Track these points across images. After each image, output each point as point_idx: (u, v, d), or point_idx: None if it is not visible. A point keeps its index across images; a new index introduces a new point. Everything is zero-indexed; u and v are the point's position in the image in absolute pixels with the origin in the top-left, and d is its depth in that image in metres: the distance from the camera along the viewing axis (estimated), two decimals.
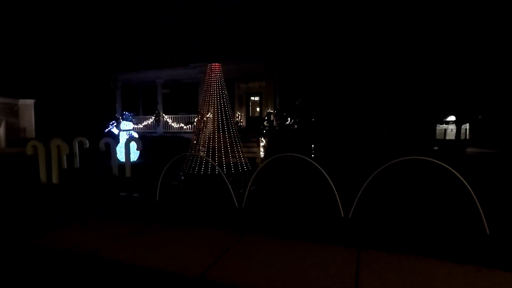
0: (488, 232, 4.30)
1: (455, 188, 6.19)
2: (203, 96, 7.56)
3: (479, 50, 11.49)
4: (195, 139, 7.43)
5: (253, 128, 15.41)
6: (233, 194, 6.03)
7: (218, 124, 7.27)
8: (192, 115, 16.06)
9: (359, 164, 8.88)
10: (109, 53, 25.17)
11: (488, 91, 13.65)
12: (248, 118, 18.35)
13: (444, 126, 26.17)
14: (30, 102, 24.12)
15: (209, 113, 7.34)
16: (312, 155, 10.70)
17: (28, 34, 28.18)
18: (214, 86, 7.43)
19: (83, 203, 6.44)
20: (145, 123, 17.78)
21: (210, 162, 6.88)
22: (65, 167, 10.88)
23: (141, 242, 4.28)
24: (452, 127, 24.37)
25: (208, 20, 19.04)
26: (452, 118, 21.18)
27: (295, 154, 6.05)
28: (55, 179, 8.51)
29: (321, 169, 5.39)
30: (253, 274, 3.35)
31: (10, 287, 3.26)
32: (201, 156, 7.07)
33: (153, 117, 17.48)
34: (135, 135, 13.56)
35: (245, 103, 18.51)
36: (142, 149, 10.42)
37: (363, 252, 3.82)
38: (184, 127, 16.50)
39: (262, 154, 13.02)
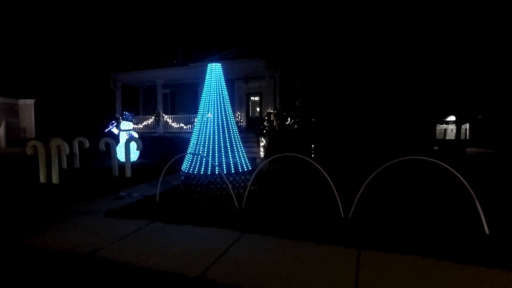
0: (487, 232, 4.30)
1: (455, 188, 6.20)
2: (203, 96, 7.56)
3: (479, 50, 11.49)
4: (195, 139, 7.43)
5: (253, 128, 15.40)
6: (233, 194, 6.03)
7: (218, 124, 7.27)
8: (192, 115, 16.06)
9: (359, 164, 8.87)
10: (109, 53, 25.18)
11: (488, 91, 13.65)
12: (248, 118, 18.35)
13: (444, 126, 26.19)
14: (30, 102, 24.17)
15: (209, 113, 7.33)
16: (312, 155, 10.69)
17: (28, 34, 28.17)
18: (214, 86, 7.43)
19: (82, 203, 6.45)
20: (145, 123, 17.79)
21: (210, 162, 6.88)
22: (65, 167, 10.90)
23: (140, 242, 4.28)
24: (452, 127, 24.38)
25: (209, 20, 19.03)
26: (452, 118, 21.19)
27: (295, 154, 6.05)
28: (55, 179, 8.51)
29: (321, 169, 5.39)
30: (253, 274, 3.35)
31: (8, 287, 3.26)
32: (201, 156, 7.06)
33: (153, 117, 17.48)
34: (135, 135, 13.55)
35: (245, 103, 18.51)
36: (142, 149, 10.44)
37: (363, 252, 3.82)
38: (184, 127, 16.50)
39: (262, 154, 13.02)
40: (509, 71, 12.33)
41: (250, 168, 7.44)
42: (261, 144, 13.24)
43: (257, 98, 18.33)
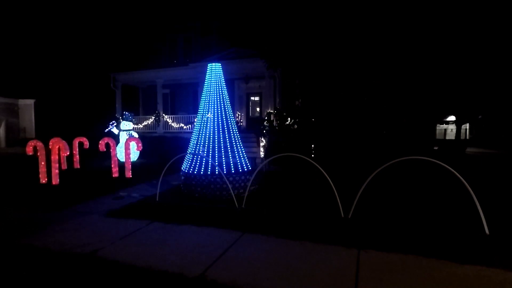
0: (487, 232, 4.30)
1: (455, 188, 6.19)
2: (203, 96, 7.56)
3: (479, 49, 11.49)
4: (195, 139, 7.43)
5: (253, 128, 15.40)
6: (233, 194, 6.04)
7: (218, 124, 7.26)
8: (192, 115, 16.07)
9: (359, 164, 8.88)
10: (109, 53, 25.17)
11: (487, 91, 13.65)
12: (248, 118, 18.36)
13: (444, 126, 26.17)
14: (30, 102, 24.17)
15: (209, 113, 7.33)
16: (312, 155, 10.69)
17: (28, 34, 28.17)
18: (214, 86, 7.43)
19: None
20: (145, 123, 17.79)
21: (210, 162, 6.88)
22: (65, 167, 10.89)
23: (140, 242, 4.29)
24: (452, 127, 24.37)
25: (209, 20, 19.03)
26: (452, 118, 21.18)
27: (295, 154, 6.05)
28: (55, 180, 8.50)
29: (321, 169, 5.40)
30: (253, 274, 3.35)
31: (8, 287, 3.26)
32: (201, 156, 7.06)
33: (153, 117, 17.49)
34: (135, 135, 13.55)
35: (245, 103, 18.52)
36: (142, 149, 10.43)
37: (363, 252, 3.82)
38: (184, 127, 16.50)
39: (262, 154, 13.02)
40: (509, 71, 12.33)
41: (250, 168, 7.44)
42: (261, 144, 13.24)
43: (257, 98, 18.33)
